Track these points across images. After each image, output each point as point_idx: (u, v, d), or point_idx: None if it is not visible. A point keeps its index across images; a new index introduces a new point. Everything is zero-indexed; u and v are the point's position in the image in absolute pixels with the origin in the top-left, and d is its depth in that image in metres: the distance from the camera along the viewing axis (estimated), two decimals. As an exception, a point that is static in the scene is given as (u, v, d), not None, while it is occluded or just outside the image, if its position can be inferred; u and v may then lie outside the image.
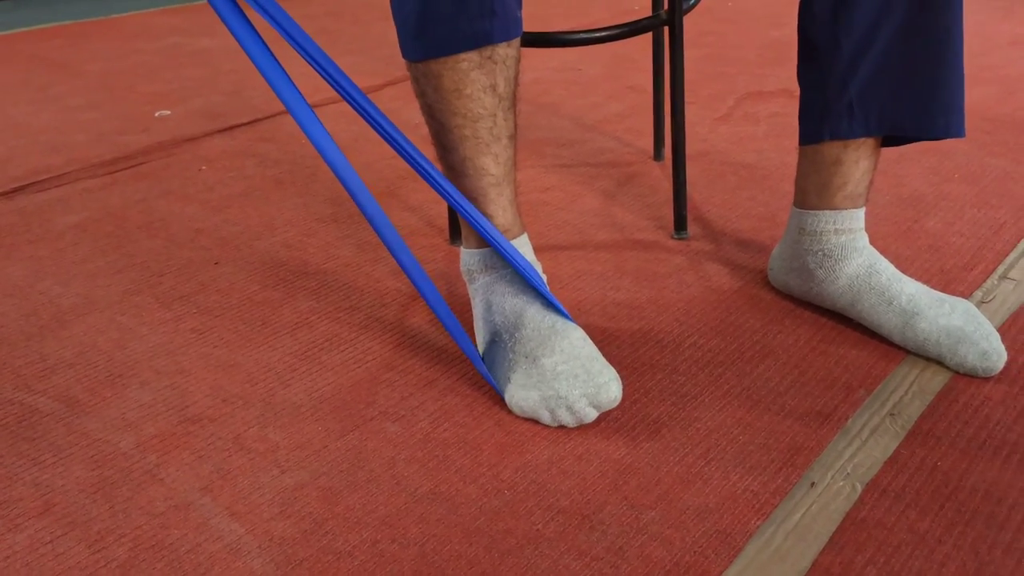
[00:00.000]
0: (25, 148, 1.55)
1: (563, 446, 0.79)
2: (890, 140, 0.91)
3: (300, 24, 0.75)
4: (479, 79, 0.80)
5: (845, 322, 0.94)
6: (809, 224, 0.92)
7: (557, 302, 0.84)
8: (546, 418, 0.80)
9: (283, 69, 0.76)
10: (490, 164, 0.84)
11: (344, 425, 0.83)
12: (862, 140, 0.88)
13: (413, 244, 1.15)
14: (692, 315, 0.97)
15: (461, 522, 0.71)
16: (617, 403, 0.79)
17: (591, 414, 0.79)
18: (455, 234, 1.15)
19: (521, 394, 0.81)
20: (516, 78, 0.84)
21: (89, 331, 1.00)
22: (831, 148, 0.89)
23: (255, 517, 0.73)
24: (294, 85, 0.76)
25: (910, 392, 0.84)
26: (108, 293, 1.07)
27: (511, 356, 0.83)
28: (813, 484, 0.73)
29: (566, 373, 0.79)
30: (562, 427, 0.80)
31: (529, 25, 0.91)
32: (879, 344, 0.90)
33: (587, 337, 0.83)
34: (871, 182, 0.91)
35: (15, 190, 1.39)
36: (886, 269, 0.90)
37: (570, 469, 0.76)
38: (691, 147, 1.41)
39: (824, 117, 0.88)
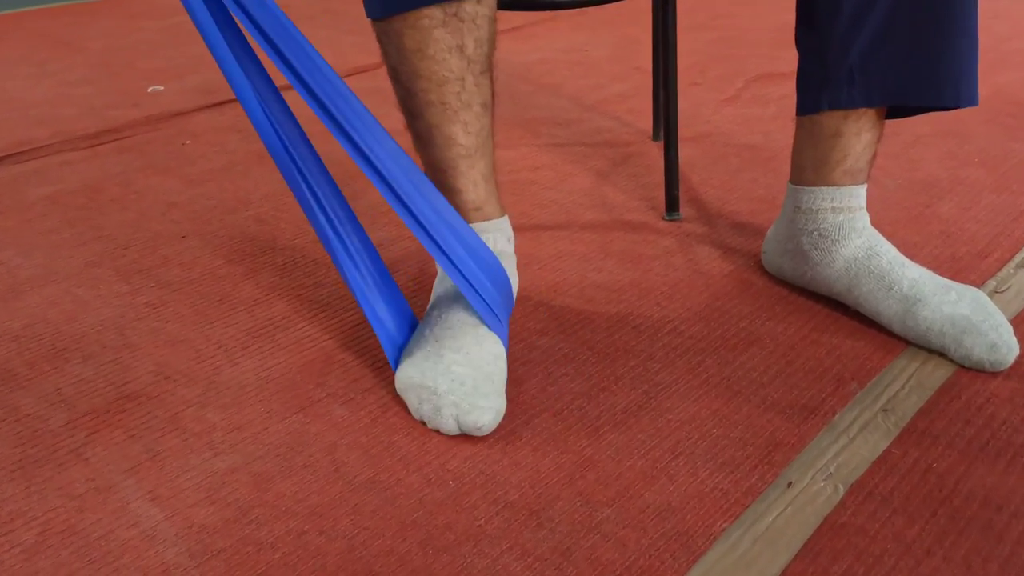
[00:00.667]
0: (13, 121, 1.51)
1: (519, 436, 0.72)
2: (895, 111, 0.83)
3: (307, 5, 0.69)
4: (443, 38, 0.74)
5: (841, 309, 0.86)
6: (805, 201, 0.84)
7: (496, 314, 0.77)
8: (412, 404, 0.74)
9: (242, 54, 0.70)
10: (459, 133, 0.77)
11: (288, 407, 0.77)
12: (863, 110, 0.80)
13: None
14: (675, 299, 0.89)
15: (397, 514, 0.65)
16: (482, 433, 0.71)
17: (450, 429, 0.71)
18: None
19: (409, 371, 0.74)
20: (490, 40, 0.78)
21: (42, 303, 0.95)
22: (830, 119, 0.81)
23: (177, 502, 0.67)
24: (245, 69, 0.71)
25: (907, 386, 0.76)
26: (69, 265, 1.02)
27: (425, 332, 0.76)
28: (791, 484, 0.65)
29: (456, 377, 0.71)
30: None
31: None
32: (877, 334, 0.82)
33: (503, 357, 0.75)
34: (873, 157, 0.83)
35: (-6, 161, 1.35)
36: (887, 252, 0.82)
37: (524, 460, 0.69)
38: (694, 128, 1.33)
39: (823, 85, 0.80)
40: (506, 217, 0.84)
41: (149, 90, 1.64)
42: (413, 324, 0.81)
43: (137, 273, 1.00)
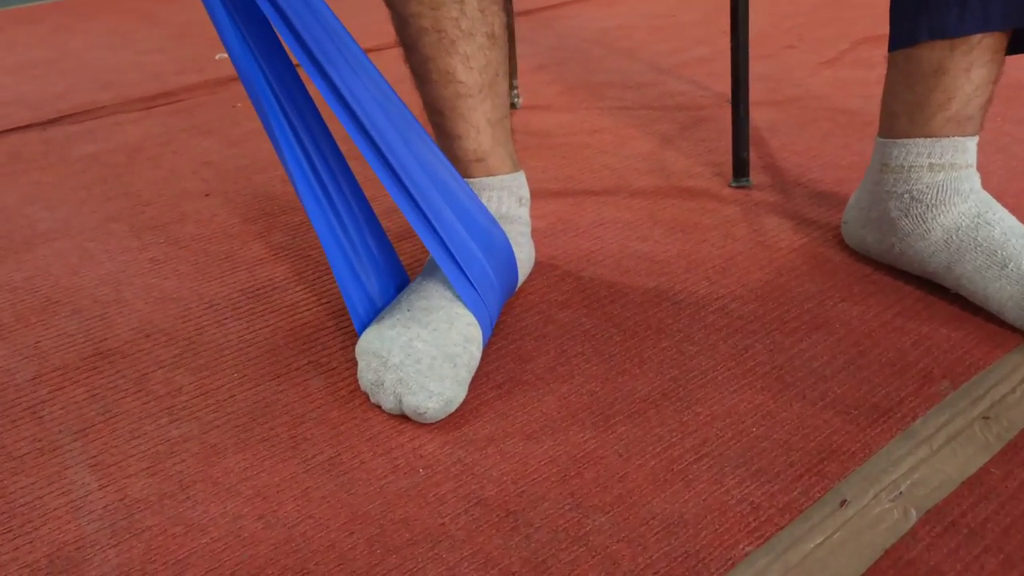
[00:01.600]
0: (81, 85, 1.50)
1: (513, 421, 0.60)
2: (1018, 43, 0.66)
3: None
4: (439, -51, 0.62)
5: (939, 292, 0.69)
6: (895, 157, 0.68)
7: (478, 291, 0.65)
8: (360, 369, 0.62)
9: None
10: (457, 68, 0.66)
11: (263, 374, 0.68)
12: (977, 39, 0.63)
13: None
14: (729, 274, 0.75)
15: (350, 503, 0.54)
16: (425, 420, 0.59)
17: (390, 407, 0.60)
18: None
19: (369, 335, 0.63)
20: None
21: (50, 255, 0.90)
22: (931, 52, 0.65)
23: (117, 471, 0.59)
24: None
25: (1019, 390, 0.59)
26: (87, 220, 0.97)
27: (401, 300, 0.65)
28: (845, 503, 0.51)
29: (413, 352, 0.60)
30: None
31: None
32: (984, 322, 0.65)
33: (475, 342, 0.63)
34: (988, 102, 0.66)
35: (51, 121, 1.33)
36: (1002, 221, 0.65)
37: (512, 450, 0.57)
38: (781, 92, 1.17)
39: (923, 7, 0.64)
40: (520, 173, 0.72)
41: (216, 58, 1.61)
42: (403, 283, 0.70)
43: (151, 229, 0.94)
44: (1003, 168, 0.90)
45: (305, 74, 0.61)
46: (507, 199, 0.70)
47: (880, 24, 1.53)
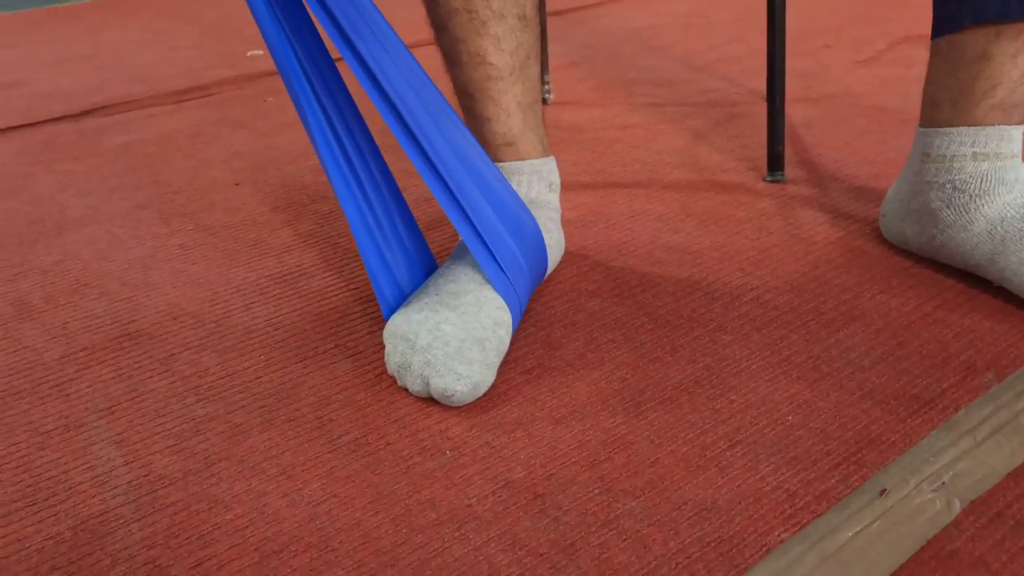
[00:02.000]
0: (115, 79, 1.52)
1: (541, 406, 0.59)
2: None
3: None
4: (473, -73, 0.62)
5: (981, 285, 0.67)
6: (937, 146, 0.67)
7: (507, 275, 0.64)
8: (387, 352, 0.62)
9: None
10: (488, 49, 0.65)
11: (290, 356, 0.67)
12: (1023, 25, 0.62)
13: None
14: (763, 266, 0.73)
15: (376, 483, 0.53)
16: (453, 403, 0.58)
17: (418, 389, 0.59)
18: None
19: (397, 319, 0.62)
20: None
21: (80, 240, 0.90)
22: (976, 38, 0.63)
23: (143, 448, 0.58)
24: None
25: (1065, 384, 0.57)
26: (118, 207, 0.98)
27: (429, 285, 0.64)
28: (884, 492, 0.49)
29: (441, 335, 0.59)
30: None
31: None
32: (1027, 316, 0.63)
33: (505, 326, 0.62)
34: (1035, 90, 0.65)
35: (85, 113, 1.34)
36: (1047, 213, 0.63)
37: (540, 434, 0.56)
38: (817, 89, 1.15)
39: (966, -8, 0.63)
40: (551, 159, 0.71)
41: (248, 54, 1.62)
42: (431, 268, 0.69)
43: (180, 216, 0.94)
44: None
45: (341, 60, 0.60)
46: (537, 184, 0.69)
47: (918, 24, 1.51)
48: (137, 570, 0.49)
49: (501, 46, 0.65)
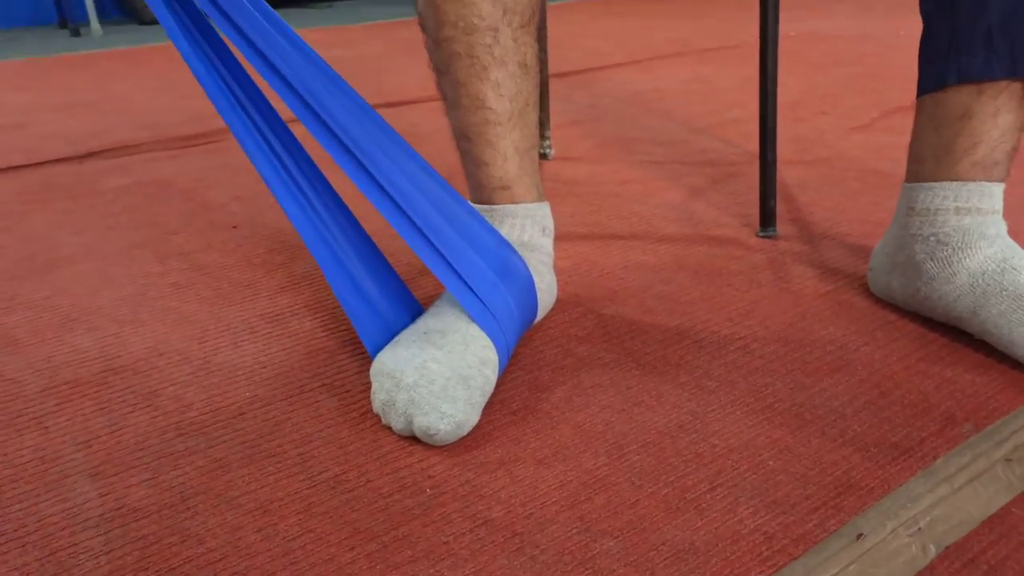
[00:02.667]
0: (122, 124, 1.55)
1: (525, 446, 0.58)
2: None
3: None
4: (475, -22, 0.64)
5: (964, 340, 0.67)
6: (921, 200, 0.68)
7: (493, 314, 0.64)
8: (373, 390, 0.62)
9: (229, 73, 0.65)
10: (488, 95, 0.67)
11: (275, 394, 0.67)
12: (1004, 84, 0.63)
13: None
14: (752, 317, 0.74)
15: (353, 519, 0.53)
16: (435, 442, 0.58)
17: (400, 427, 0.59)
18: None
19: (383, 357, 0.62)
20: None
21: (72, 277, 0.91)
22: (959, 96, 0.65)
23: (118, 481, 0.58)
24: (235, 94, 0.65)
25: (1048, 437, 0.57)
26: (112, 245, 0.99)
27: (418, 323, 0.65)
28: (861, 536, 0.48)
29: (427, 373, 0.59)
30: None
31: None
32: (1009, 369, 0.63)
33: (491, 365, 0.62)
34: (1015, 149, 0.66)
35: (88, 155, 1.36)
36: (1029, 267, 0.63)
37: (523, 474, 0.56)
38: (813, 153, 1.17)
39: (951, 52, 0.64)
40: (545, 204, 0.72)
41: (254, 104, 1.65)
42: (416, 312, 0.69)
43: (175, 256, 0.95)
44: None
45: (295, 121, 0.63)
46: (530, 227, 0.70)
47: (912, 95, 1.55)
48: (104, 600, 0.48)
49: (501, 92, 0.67)
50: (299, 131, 0.72)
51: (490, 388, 0.61)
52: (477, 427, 0.61)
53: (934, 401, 0.60)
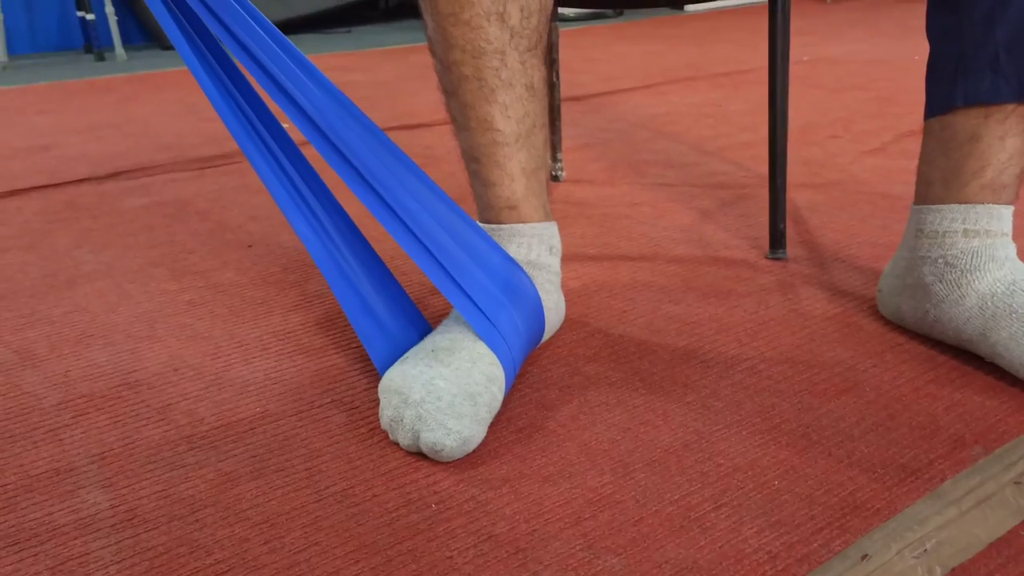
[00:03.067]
0: (143, 146, 1.57)
1: (530, 463, 0.59)
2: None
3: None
4: (481, 2, 0.65)
5: (974, 363, 0.67)
6: (930, 222, 0.68)
7: (500, 331, 0.64)
8: (381, 406, 0.62)
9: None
10: (496, 116, 0.68)
11: (285, 409, 0.68)
12: (1012, 107, 0.64)
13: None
14: (760, 338, 0.74)
15: (359, 534, 0.53)
16: (442, 458, 0.59)
17: (408, 443, 0.60)
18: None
19: (392, 374, 0.63)
20: (542, 12, 0.68)
21: (90, 294, 0.92)
22: (966, 119, 0.65)
23: (130, 493, 0.59)
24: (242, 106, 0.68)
25: (1057, 460, 0.56)
26: (130, 263, 1.00)
27: (426, 341, 0.65)
28: (866, 557, 0.48)
29: (435, 390, 0.59)
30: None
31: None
32: (1019, 392, 0.63)
33: (498, 382, 0.62)
34: (1023, 171, 0.66)
35: (109, 176, 1.39)
36: (1038, 290, 0.63)
37: (527, 491, 0.56)
38: (824, 176, 1.18)
39: (958, 74, 0.65)
40: (552, 224, 0.73)
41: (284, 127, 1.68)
42: (425, 331, 0.70)
43: (191, 274, 0.96)
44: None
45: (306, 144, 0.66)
46: (537, 246, 0.70)
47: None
48: (112, 610, 0.48)
49: (508, 114, 0.68)
50: (310, 153, 0.74)
51: (497, 405, 0.62)
52: (483, 444, 0.61)
53: (943, 423, 0.60)
